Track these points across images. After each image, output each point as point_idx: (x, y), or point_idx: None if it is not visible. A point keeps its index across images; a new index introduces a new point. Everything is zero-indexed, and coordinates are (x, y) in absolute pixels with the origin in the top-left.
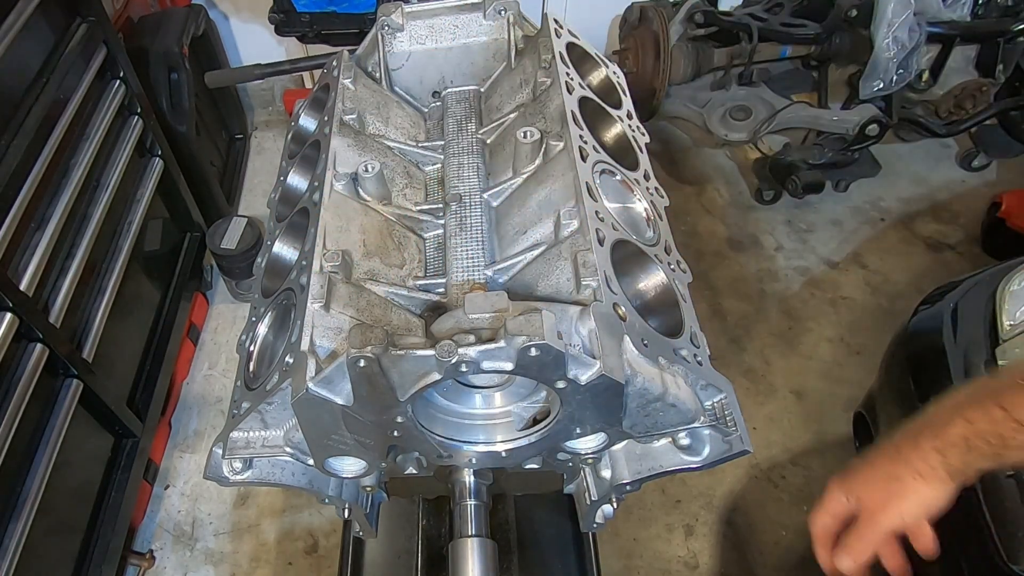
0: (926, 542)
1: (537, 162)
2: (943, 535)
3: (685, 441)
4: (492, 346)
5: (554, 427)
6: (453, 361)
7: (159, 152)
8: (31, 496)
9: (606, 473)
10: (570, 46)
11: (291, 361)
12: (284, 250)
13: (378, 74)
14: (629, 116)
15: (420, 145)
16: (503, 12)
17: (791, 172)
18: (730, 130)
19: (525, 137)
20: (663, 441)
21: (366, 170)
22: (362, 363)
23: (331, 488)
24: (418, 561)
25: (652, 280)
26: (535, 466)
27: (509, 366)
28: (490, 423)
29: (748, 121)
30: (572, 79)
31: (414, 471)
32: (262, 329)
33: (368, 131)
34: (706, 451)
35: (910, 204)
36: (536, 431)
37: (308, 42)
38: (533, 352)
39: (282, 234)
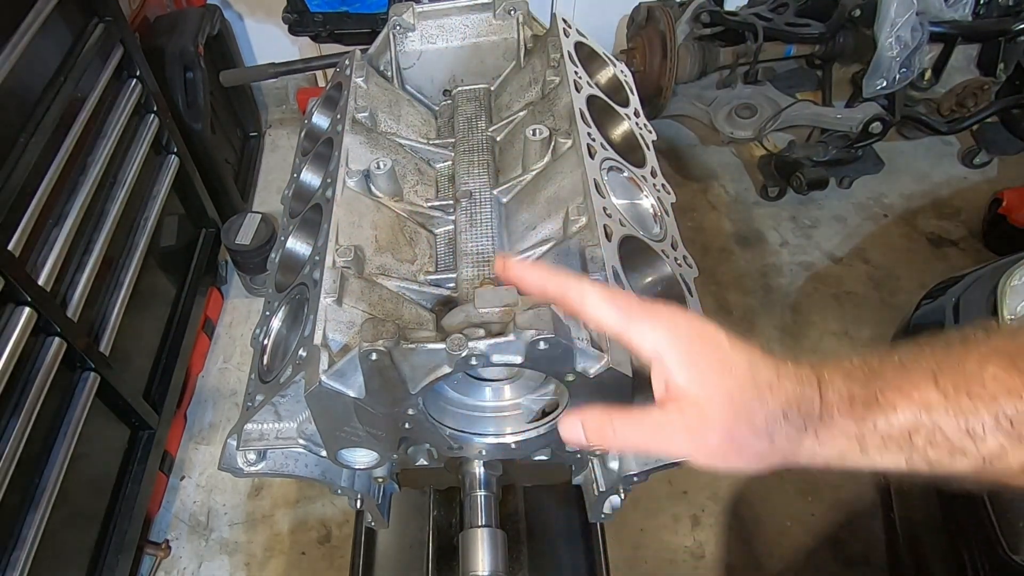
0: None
1: (546, 159)
2: (945, 525)
3: None
4: (502, 340)
5: None
6: (463, 354)
7: (175, 149)
8: (49, 487)
9: (614, 464)
10: (578, 45)
11: (304, 355)
12: (297, 246)
13: (390, 73)
14: (636, 114)
15: (431, 142)
16: (513, 12)
17: (796, 169)
18: (736, 128)
19: (534, 135)
20: None
21: (378, 167)
22: (374, 356)
23: (343, 479)
24: (429, 551)
25: (659, 275)
26: (544, 457)
27: (518, 359)
28: (500, 415)
29: (753, 119)
30: (580, 78)
31: (425, 462)
32: (276, 323)
33: (380, 129)
34: None
35: (912, 200)
36: (545, 423)
37: (321, 41)
38: (542, 346)
39: (295, 230)
